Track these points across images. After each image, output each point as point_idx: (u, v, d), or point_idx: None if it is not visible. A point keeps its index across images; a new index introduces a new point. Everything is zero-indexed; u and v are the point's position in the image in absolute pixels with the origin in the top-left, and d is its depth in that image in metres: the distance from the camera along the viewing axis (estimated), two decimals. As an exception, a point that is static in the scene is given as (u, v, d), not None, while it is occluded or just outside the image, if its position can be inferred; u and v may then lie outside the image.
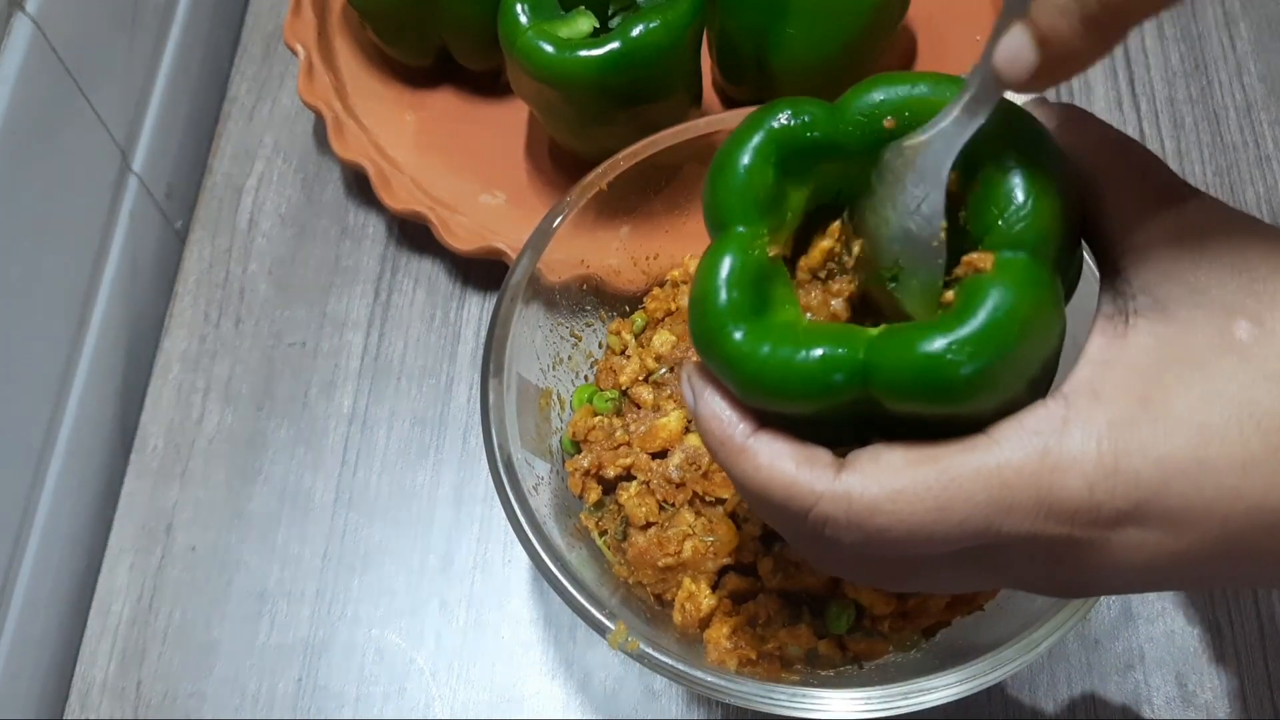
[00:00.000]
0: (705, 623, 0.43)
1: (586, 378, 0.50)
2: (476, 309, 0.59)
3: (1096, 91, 0.65)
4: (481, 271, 0.59)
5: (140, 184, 0.60)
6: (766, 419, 0.30)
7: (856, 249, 0.32)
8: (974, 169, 0.29)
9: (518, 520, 0.41)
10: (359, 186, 0.63)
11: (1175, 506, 0.26)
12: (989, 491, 0.26)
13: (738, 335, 0.29)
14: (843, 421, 0.29)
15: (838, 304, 0.32)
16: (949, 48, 0.63)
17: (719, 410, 0.30)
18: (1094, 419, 0.26)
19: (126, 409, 0.58)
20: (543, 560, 0.41)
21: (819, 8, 0.54)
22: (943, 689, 0.38)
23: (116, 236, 0.58)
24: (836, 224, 0.32)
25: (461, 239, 0.56)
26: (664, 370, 0.47)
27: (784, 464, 0.28)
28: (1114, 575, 0.28)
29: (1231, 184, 0.62)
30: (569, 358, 0.50)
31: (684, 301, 0.50)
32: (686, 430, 0.45)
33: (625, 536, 0.45)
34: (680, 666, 0.39)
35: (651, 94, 0.53)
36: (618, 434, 0.46)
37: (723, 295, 0.29)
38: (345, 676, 0.51)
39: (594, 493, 0.46)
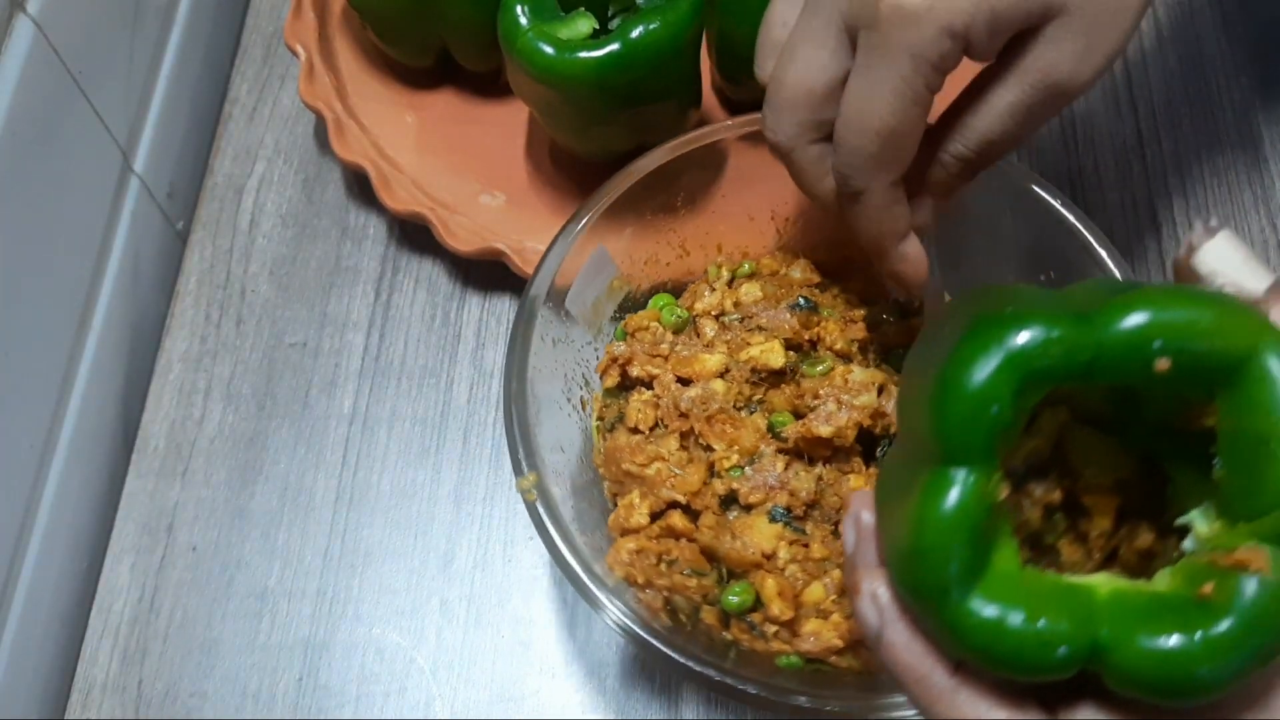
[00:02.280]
0: (626, 532, 0.44)
1: (673, 290, 0.51)
2: (477, 309, 0.59)
3: (1094, 93, 0.65)
4: (482, 272, 0.60)
5: (141, 184, 0.60)
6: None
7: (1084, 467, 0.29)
8: (1239, 426, 0.26)
9: (514, 337, 0.45)
10: (359, 187, 0.63)
11: None
12: None
13: (963, 601, 0.26)
14: None
15: (1033, 512, 0.30)
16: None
17: (913, 645, 0.28)
18: None
19: (128, 409, 0.59)
20: (510, 372, 0.44)
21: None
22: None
23: (118, 237, 0.58)
24: (1047, 417, 0.30)
25: (462, 240, 0.57)
26: (735, 317, 0.48)
27: (994, 715, 0.27)
28: None
29: (1228, 186, 0.62)
30: (667, 263, 0.51)
31: (795, 274, 0.50)
32: (721, 376, 0.46)
33: (613, 429, 0.47)
34: (559, 542, 0.41)
35: (651, 95, 0.53)
36: (662, 346, 0.47)
37: (951, 553, 0.26)
38: (346, 675, 0.51)
39: (612, 379, 0.47)
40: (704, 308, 0.49)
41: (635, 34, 0.50)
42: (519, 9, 0.51)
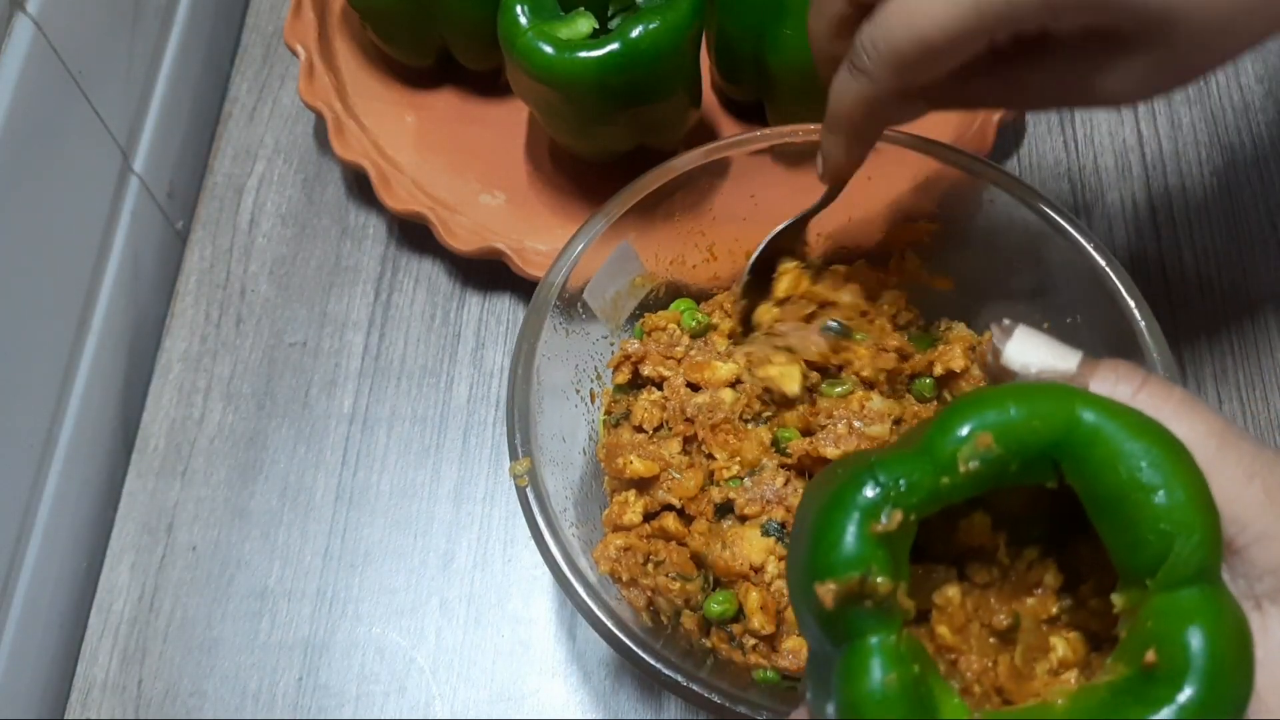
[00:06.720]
0: (618, 529, 0.44)
1: (696, 295, 0.51)
2: (476, 309, 0.59)
3: (1094, 92, 0.65)
4: (481, 271, 0.60)
5: (141, 184, 0.60)
6: None
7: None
8: (1100, 492, 0.26)
9: (526, 321, 0.45)
10: (359, 187, 0.63)
11: None
12: None
13: None
14: None
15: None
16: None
17: None
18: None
19: (128, 408, 0.59)
20: (517, 355, 0.43)
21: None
22: None
23: (118, 236, 0.58)
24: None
25: (461, 239, 0.57)
26: (741, 342, 0.48)
27: None
28: None
29: (1229, 185, 0.62)
30: (693, 266, 0.51)
31: (845, 298, 0.49)
32: (732, 386, 0.46)
33: (618, 425, 0.47)
34: (542, 528, 0.40)
35: (651, 94, 0.53)
36: (677, 349, 0.47)
37: None
38: (346, 675, 0.51)
39: (623, 376, 0.47)
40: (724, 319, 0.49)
41: (635, 33, 0.50)
42: (519, 9, 0.51)
